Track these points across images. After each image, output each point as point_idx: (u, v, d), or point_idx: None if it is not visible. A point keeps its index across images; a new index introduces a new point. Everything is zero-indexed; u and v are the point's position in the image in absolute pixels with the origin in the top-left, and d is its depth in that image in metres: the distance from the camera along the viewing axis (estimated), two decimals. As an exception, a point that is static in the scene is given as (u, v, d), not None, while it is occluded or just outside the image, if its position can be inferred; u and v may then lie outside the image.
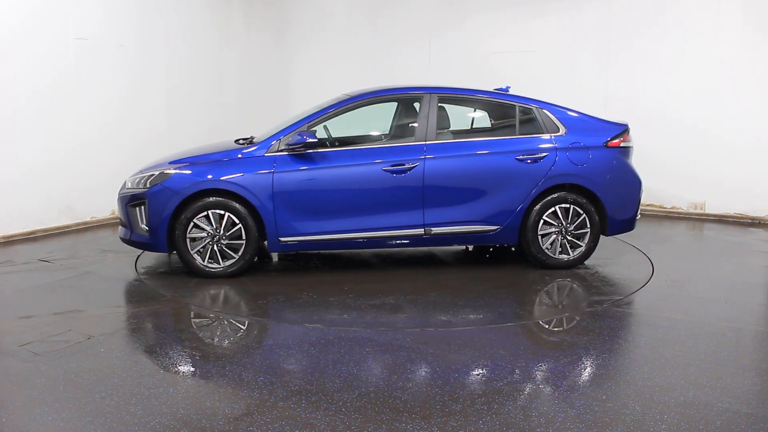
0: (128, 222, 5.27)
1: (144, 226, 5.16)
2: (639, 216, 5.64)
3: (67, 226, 7.01)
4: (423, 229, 5.22)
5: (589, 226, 5.35)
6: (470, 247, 6.18)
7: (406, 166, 5.15)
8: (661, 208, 8.31)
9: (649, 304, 4.64)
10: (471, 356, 3.61)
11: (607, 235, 5.48)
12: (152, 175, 5.20)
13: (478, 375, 3.36)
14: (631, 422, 2.83)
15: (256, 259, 5.59)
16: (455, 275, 5.36)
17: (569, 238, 5.35)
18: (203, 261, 5.10)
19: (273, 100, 10.07)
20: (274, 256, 5.95)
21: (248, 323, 4.18)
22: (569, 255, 5.38)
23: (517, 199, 5.24)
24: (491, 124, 5.76)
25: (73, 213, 7.10)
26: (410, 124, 5.53)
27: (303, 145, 5.06)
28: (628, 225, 5.54)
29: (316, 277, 5.30)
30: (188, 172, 5.13)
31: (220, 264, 5.11)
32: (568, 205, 5.30)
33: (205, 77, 8.88)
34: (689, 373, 3.35)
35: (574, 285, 5.04)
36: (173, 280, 5.18)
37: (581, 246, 5.38)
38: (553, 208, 5.29)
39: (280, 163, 5.10)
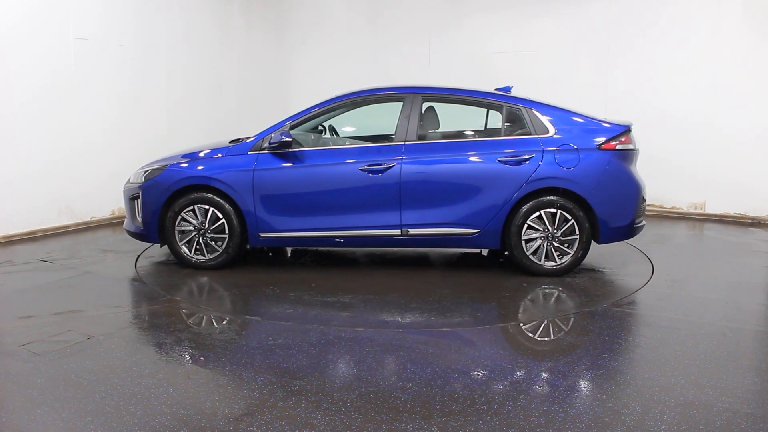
0: (129, 214, 5.60)
1: (140, 218, 5.47)
2: (642, 223, 5.34)
3: (67, 226, 7.02)
4: (400, 230, 5.19)
5: (578, 232, 5.08)
6: (484, 252, 6.00)
7: (383, 166, 5.13)
8: (661, 208, 8.31)
9: (649, 304, 4.64)
10: (471, 356, 3.61)
11: (599, 243, 5.18)
12: (147, 170, 5.51)
13: (478, 375, 3.36)
14: (631, 422, 2.83)
15: (271, 254, 5.86)
16: (431, 278, 5.23)
17: (556, 244, 5.11)
18: (190, 252, 5.36)
19: (273, 99, 10.08)
20: (288, 250, 6.11)
21: (250, 323, 4.18)
22: (556, 262, 5.13)
23: (498, 202, 5.06)
24: (479, 124, 5.71)
25: (73, 213, 7.10)
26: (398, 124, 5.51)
27: (279, 144, 5.18)
28: (623, 233, 5.21)
29: (296, 272, 5.41)
30: (178, 167, 5.38)
31: (205, 256, 5.35)
32: (554, 210, 5.06)
33: (206, 77, 8.88)
34: (689, 373, 3.35)
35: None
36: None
37: (569, 253, 5.12)
38: (537, 213, 5.07)
39: (262, 161, 5.26)
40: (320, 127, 5.85)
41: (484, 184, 5.08)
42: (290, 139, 5.17)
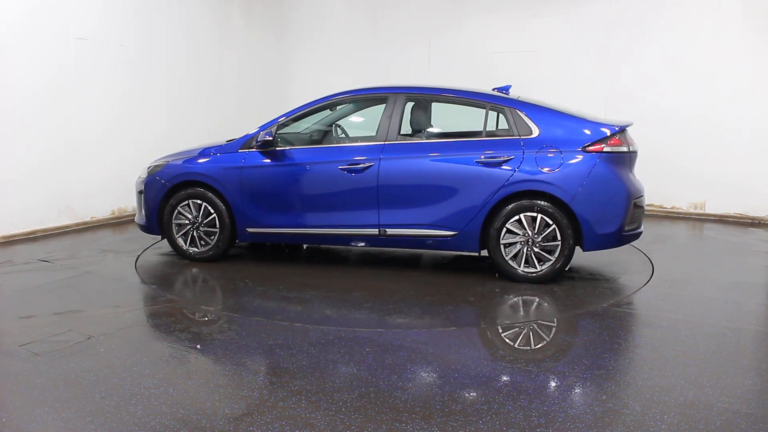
0: (138, 207, 5.94)
1: (144, 212, 5.78)
2: (637, 230, 5.07)
3: (67, 226, 7.01)
4: (378, 230, 5.20)
5: (559, 238, 4.84)
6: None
7: (361, 165, 5.15)
8: (661, 208, 8.31)
9: (649, 304, 4.64)
10: (471, 356, 3.61)
11: (584, 250, 4.94)
12: (151, 166, 5.84)
13: (478, 375, 3.36)
14: (631, 422, 2.83)
15: (287, 250, 6.12)
16: (406, 279, 5.15)
17: (537, 249, 4.89)
18: (185, 245, 5.63)
19: (273, 99, 10.07)
20: (304, 246, 6.29)
21: (247, 323, 4.18)
22: (536, 268, 4.91)
23: (475, 204, 4.94)
24: (461, 124, 5.65)
25: (73, 213, 7.10)
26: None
27: (262, 143, 5.37)
28: (611, 240, 4.92)
29: (280, 267, 5.55)
30: (175, 164, 5.67)
31: (198, 248, 5.61)
32: (534, 214, 4.86)
33: (206, 77, 8.88)
34: (689, 373, 3.35)
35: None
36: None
37: (551, 259, 4.88)
38: (517, 216, 4.89)
39: (249, 159, 5.45)
40: (334, 126, 5.98)
41: (462, 185, 4.98)
42: (271, 138, 5.32)
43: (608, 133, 4.88)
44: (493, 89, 5.58)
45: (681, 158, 8.00)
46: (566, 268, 5.05)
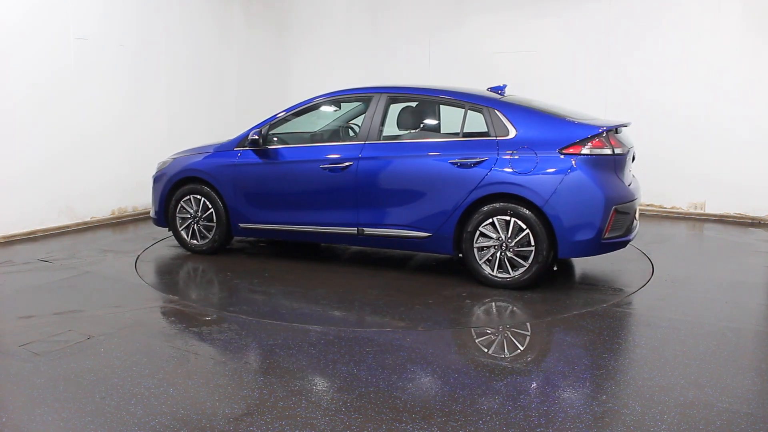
0: (151, 201, 6.20)
1: (154, 206, 6.11)
2: (623, 238, 4.80)
3: (67, 226, 7.01)
4: (356, 229, 5.23)
5: (533, 243, 4.66)
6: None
7: (341, 165, 5.20)
8: (661, 208, 8.31)
9: (649, 304, 4.64)
10: (471, 356, 3.61)
11: (558, 257, 4.70)
12: (161, 162, 6.17)
13: (477, 375, 3.36)
14: (631, 422, 2.83)
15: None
16: (380, 279, 5.12)
17: (510, 255, 4.73)
18: (187, 237, 5.92)
19: (273, 99, 10.06)
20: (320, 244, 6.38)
21: (247, 323, 4.18)
22: (509, 274, 4.75)
23: (448, 206, 4.85)
24: (441, 124, 5.61)
25: (73, 213, 7.10)
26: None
27: (251, 142, 5.54)
28: (589, 248, 4.67)
29: (266, 263, 5.70)
30: (179, 160, 5.97)
31: (198, 242, 5.88)
32: (508, 218, 4.70)
33: (206, 76, 8.87)
34: (689, 373, 3.35)
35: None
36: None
37: (525, 265, 4.70)
38: (490, 220, 4.75)
39: (242, 157, 5.66)
40: (350, 125, 6.10)
41: (435, 186, 4.91)
42: (258, 138, 5.50)
43: (588, 135, 4.65)
44: (488, 89, 5.54)
45: (681, 158, 8.00)
46: (553, 269, 4.89)
